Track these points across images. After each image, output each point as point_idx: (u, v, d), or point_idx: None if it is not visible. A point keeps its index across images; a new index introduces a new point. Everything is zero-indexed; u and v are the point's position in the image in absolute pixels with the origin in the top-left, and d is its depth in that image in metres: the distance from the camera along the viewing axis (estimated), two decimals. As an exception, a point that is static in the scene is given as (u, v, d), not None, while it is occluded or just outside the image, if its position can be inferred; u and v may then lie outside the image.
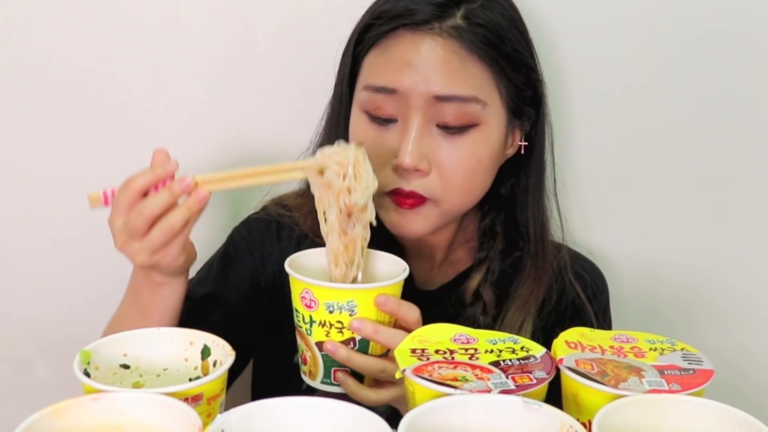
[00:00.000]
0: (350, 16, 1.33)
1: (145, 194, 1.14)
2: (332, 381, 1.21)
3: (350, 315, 1.16)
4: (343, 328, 1.17)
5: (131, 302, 1.28)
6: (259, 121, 1.58)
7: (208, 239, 1.47)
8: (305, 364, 1.23)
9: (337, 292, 1.16)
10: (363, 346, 1.19)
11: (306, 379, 1.24)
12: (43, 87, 1.56)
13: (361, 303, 1.15)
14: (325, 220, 1.21)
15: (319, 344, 1.19)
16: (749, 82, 1.56)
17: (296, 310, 1.21)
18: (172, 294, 1.23)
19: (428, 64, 1.24)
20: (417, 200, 1.30)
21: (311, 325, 1.19)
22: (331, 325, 1.17)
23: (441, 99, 1.25)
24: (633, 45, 1.55)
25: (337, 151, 1.20)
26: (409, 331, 1.17)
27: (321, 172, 1.19)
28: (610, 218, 1.64)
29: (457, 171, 1.28)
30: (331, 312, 1.16)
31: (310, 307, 1.18)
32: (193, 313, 1.30)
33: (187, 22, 1.53)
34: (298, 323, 1.22)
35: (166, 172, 1.14)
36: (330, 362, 1.20)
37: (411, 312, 1.18)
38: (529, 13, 1.41)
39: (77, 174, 1.60)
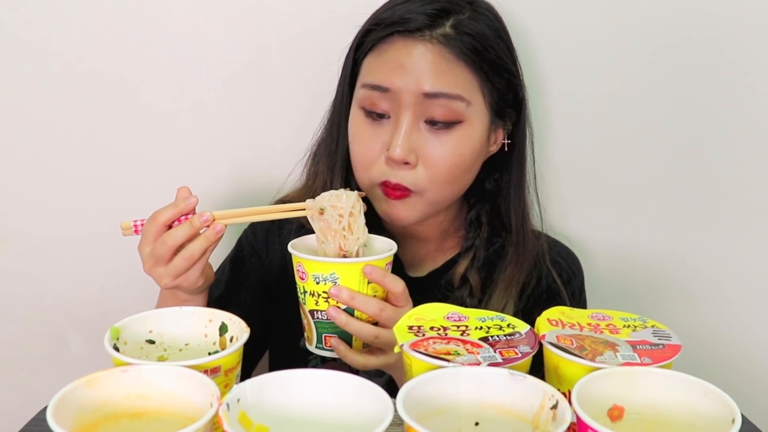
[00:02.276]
0: (352, 25, 1.33)
1: (170, 226, 1.17)
2: (324, 346, 1.22)
3: (333, 285, 1.17)
4: (328, 297, 1.18)
5: None
6: (271, 120, 1.58)
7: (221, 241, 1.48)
8: (305, 331, 1.25)
9: (321, 264, 1.18)
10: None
11: (306, 344, 1.25)
12: (79, 91, 1.56)
13: (342, 275, 1.17)
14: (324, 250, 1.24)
15: (312, 312, 1.21)
16: (712, 86, 1.56)
17: (296, 284, 1.23)
18: None
19: (418, 66, 1.25)
20: (403, 192, 1.30)
21: (305, 295, 1.21)
22: (318, 294, 1.19)
23: (429, 96, 1.25)
24: (608, 53, 1.55)
25: (338, 195, 1.23)
26: (393, 303, 1.19)
27: (321, 212, 1.23)
28: (586, 209, 1.64)
29: (441, 164, 1.28)
30: (317, 283, 1.18)
31: (302, 279, 1.20)
32: None
33: (206, 31, 1.53)
34: (298, 295, 1.23)
35: (188, 207, 1.17)
36: (322, 329, 1.21)
37: (395, 283, 1.19)
38: (513, 25, 1.42)
39: (108, 169, 1.60)
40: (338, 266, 1.17)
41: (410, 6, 1.27)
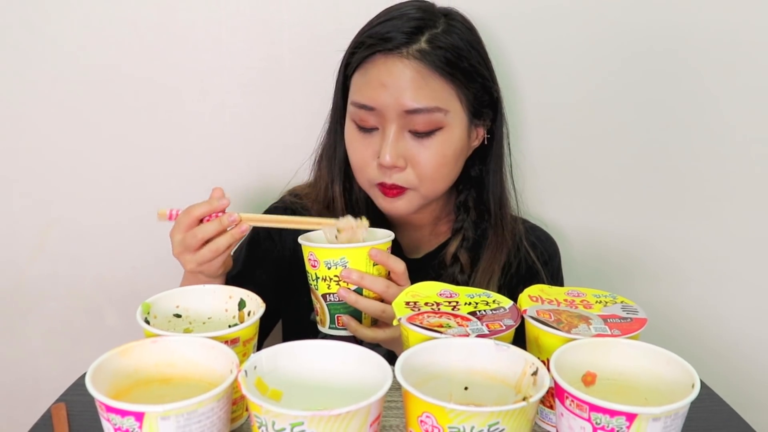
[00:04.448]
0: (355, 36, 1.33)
1: (201, 221, 1.18)
2: (337, 326, 1.22)
3: (343, 269, 1.17)
4: (339, 280, 1.18)
5: None
6: (283, 120, 1.57)
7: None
8: (317, 314, 1.24)
9: (332, 251, 1.17)
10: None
11: (319, 327, 1.24)
12: (115, 94, 1.55)
13: (351, 259, 1.17)
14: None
15: (324, 296, 1.20)
16: (674, 90, 1.56)
17: (308, 273, 1.22)
18: None
19: (398, 84, 1.24)
20: (398, 190, 1.30)
21: (317, 281, 1.20)
22: (330, 279, 1.18)
23: (410, 112, 1.25)
24: (584, 61, 1.54)
25: (352, 226, 1.22)
26: (395, 281, 1.19)
27: (339, 230, 1.22)
28: (563, 199, 1.64)
29: (427, 165, 1.28)
30: (329, 268, 1.17)
31: (314, 266, 1.19)
32: None
33: (227, 41, 1.53)
34: (310, 283, 1.23)
35: (220, 207, 1.18)
36: (334, 310, 1.21)
37: (397, 264, 1.19)
38: (494, 32, 1.44)
39: (139, 163, 1.60)
40: (347, 251, 1.17)
41: (390, 24, 1.27)
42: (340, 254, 1.17)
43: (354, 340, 1.21)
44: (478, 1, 1.45)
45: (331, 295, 1.19)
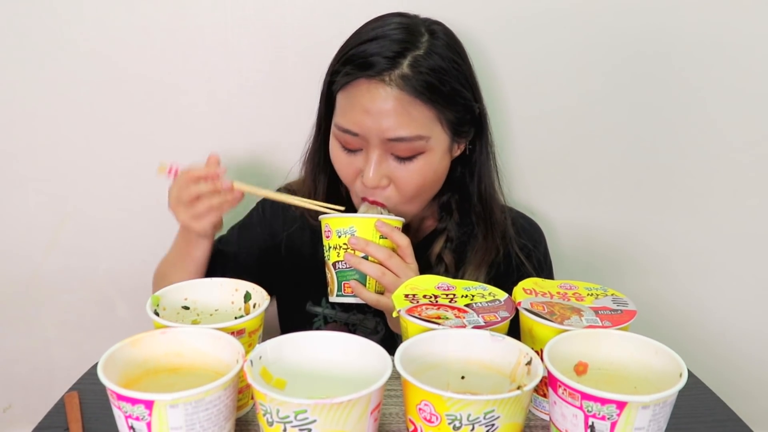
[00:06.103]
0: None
1: (197, 181, 1.24)
2: (343, 293, 1.23)
3: (351, 236, 1.21)
4: (348, 248, 1.21)
5: (175, 252, 1.37)
6: (288, 120, 1.57)
7: (235, 211, 1.47)
8: (328, 285, 1.26)
9: (343, 220, 1.22)
10: None
11: (330, 297, 1.25)
12: (124, 93, 1.55)
13: (359, 228, 1.21)
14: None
15: (334, 264, 1.22)
16: (662, 91, 1.56)
17: (324, 246, 1.25)
18: (200, 250, 1.32)
19: (380, 113, 1.21)
20: (382, 205, 1.30)
21: (329, 251, 1.23)
22: (340, 247, 1.21)
23: (392, 140, 1.22)
24: (576, 63, 1.54)
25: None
26: (401, 256, 1.22)
27: None
28: (553, 195, 1.64)
29: (408, 186, 1.27)
30: (339, 236, 1.21)
31: (328, 237, 1.23)
32: (215, 262, 1.37)
33: (234, 44, 1.52)
34: (325, 255, 1.25)
35: (215, 172, 1.24)
36: (341, 277, 1.22)
37: (401, 238, 1.22)
38: (484, 38, 1.44)
39: (150, 160, 1.58)
40: (356, 220, 1.21)
41: (373, 46, 1.23)
42: (350, 223, 1.21)
43: (358, 307, 1.29)
44: (470, 6, 1.45)
45: (340, 262, 1.21)
